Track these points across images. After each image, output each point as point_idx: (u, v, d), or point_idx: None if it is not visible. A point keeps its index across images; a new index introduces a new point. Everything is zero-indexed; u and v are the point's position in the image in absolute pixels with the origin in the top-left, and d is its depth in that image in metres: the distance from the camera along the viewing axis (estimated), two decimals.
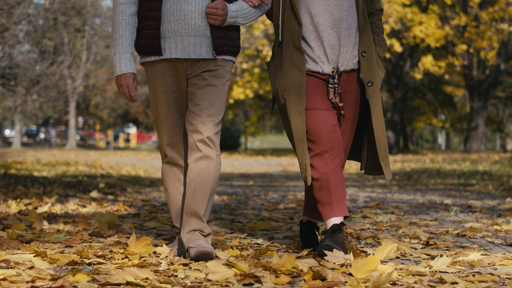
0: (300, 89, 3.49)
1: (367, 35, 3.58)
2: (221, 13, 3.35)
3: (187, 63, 3.41)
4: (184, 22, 3.35)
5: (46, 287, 2.55)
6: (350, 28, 3.54)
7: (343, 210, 3.47)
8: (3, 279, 2.64)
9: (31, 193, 7.05)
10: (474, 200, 7.20)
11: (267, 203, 6.71)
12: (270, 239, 4.12)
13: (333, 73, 3.53)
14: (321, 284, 2.65)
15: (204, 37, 3.38)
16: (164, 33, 3.38)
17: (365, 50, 3.56)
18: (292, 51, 3.52)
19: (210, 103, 3.39)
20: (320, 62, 3.54)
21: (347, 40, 3.54)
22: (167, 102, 3.46)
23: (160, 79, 3.44)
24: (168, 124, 3.48)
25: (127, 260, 3.19)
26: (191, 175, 3.40)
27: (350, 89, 3.59)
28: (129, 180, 10.68)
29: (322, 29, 3.51)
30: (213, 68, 3.42)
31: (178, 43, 3.37)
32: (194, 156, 3.40)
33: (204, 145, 3.37)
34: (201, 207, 3.38)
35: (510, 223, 4.92)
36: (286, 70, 3.53)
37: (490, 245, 3.92)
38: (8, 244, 3.53)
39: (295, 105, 3.48)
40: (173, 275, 2.88)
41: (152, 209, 5.89)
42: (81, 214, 5.29)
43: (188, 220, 3.39)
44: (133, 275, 2.72)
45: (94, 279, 2.68)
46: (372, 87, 3.56)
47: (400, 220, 5.29)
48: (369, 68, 3.56)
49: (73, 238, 3.83)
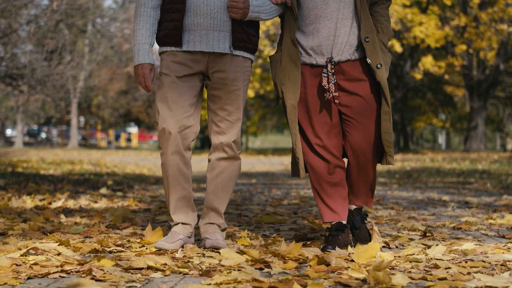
0: (295, 83, 3.56)
1: (368, 21, 3.56)
2: (242, 6, 3.40)
3: (210, 57, 3.47)
4: (210, 17, 3.41)
5: (74, 271, 2.80)
6: (345, 18, 3.55)
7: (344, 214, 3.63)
8: (34, 264, 2.88)
9: (42, 189, 7.29)
10: (472, 197, 7.43)
11: (271, 199, 6.95)
12: (276, 231, 4.36)
13: (326, 62, 3.54)
14: (326, 269, 2.89)
15: (227, 32, 3.45)
16: (189, 26, 3.43)
17: (368, 36, 3.55)
18: (289, 45, 3.59)
19: (236, 107, 3.54)
20: (314, 54, 3.58)
21: (342, 30, 3.55)
22: (182, 89, 3.47)
23: (177, 67, 3.47)
24: (180, 107, 3.46)
25: (144, 248, 3.43)
26: (214, 172, 3.57)
27: (350, 79, 3.57)
28: (134, 178, 10.92)
29: (319, 21, 3.54)
30: (234, 70, 3.50)
31: (203, 36, 3.42)
32: (218, 155, 3.56)
33: (230, 148, 3.54)
34: (222, 204, 3.58)
35: (504, 217, 5.15)
36: (284, 64, 3.60)
37: (483, 237, 4.15)
38: (31, 234, 3.77)
39: (290, 99, 3.56)
40: (189, 261, 3.12)
41: (161, 205, 6.12)
42: (94, 209, 5.53)
43: (208, 213, 3.59)
44: (152, 260, 2.96)
45: (117, 264, 2.93)
46: (381, 69, 3.54)
47: (399, 214, 5.52)
48: (375, 53, 3.54)
49: (91, 229, 4.07)
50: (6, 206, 5.30)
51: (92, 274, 2.71)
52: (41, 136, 57.37)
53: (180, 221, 3.56)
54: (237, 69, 3.51)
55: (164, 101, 3.47)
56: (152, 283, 2.66)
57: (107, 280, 2.64)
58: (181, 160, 3.52)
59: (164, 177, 3.55)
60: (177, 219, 3.57)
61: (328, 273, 2.83)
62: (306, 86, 3.60)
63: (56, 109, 42.69)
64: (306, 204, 6.52)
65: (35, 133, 58.35)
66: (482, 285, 2.60)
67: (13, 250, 3.17)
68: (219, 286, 2.54)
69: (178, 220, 3.57)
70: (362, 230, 3.72)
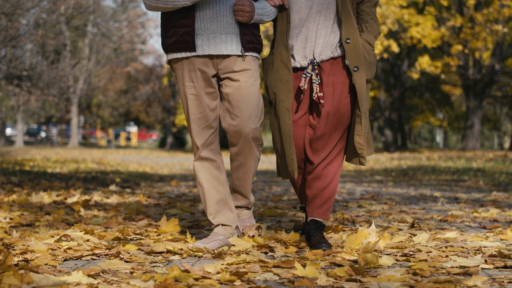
0: (288, 86, 3.61)
1: (350, 22, 3.61)
2: (248, 10, 3.48)
3: (218, 59, 3.52)
4: (216, 20, 3.47)
5: (103, 254, 3.21)
6: (326, 19, 3.61)
7: (326, 214, 3.68)
8: (68, 248, 3.30)
9: (56, 186, 7.70)
10: (462, 193, 7.84)
11: (272, 195, 7.36)
12: (277, 222, 4.78)
13: (308, 64, 3.61)
14: (322, 253, 3.31)
15: (234, 34, 3.51)
16: (197, 31, 3.47)
17: (349, 37, 3.59)
18: (281, 49, 3.65)
19: (249, 103, 3.53)
20: (298, 57, 3.66)
21: (323, 32, 3.61)
22: (197, 97, 3.54)
23: (190, 75, 3.53)
24: (198, 119, 3.55)
25: (161, 236, 3.84)
26: (235, 164, 3.64)
27: (333, 81, 3.62)
28: (139, 176, 11.34)
29: (303, 24, 3.62)
30: (243, 68, 3.55)
31: (211, 40, 3.48)
32: (235, 150, 3.60)
33: (247, 143, 3.55)
34: (246, 190, 3.71)
35: (489, 211, 5.56)
36: (276, 67, 3.65)
37: (466, 228, 4.57)
38: (57, 225, 4.18)
39: (283, 101, 3.61)
40: None
41: (170, 200, 6.54)
42: (108, 204, 5.94)
43: (235, 196, 3.76)
44: (171, 245, 3.37)
45: (140, 249, 3.35)
46: (358, 72, 3.58)
47: (392, 209, 5.93)
48: (354, 54, 3.58)
49: (110, 221, 4.48)
50: (26, 201, 5.72)
51: (120, 256, 3.14)
52: (41, 135, 57.75)
53: (220, 223, 3.63)
54: (247, 67, 3.56)
55: (190, 117, 3.58)
56: (172, 264, 3.07)
57: (134, 261, 3.05)
58: (212, 164, 3.63)
59: (198, 183, 3.65)
60: (216, 221, 3.64)
61: (324, 256, 3.26)
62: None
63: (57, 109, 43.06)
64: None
65: (35, 132, 58.67)
66: (457, 265, 3.02)
67: (46, 237, 3.59)
68: (230, 265, 2.96)
69: (218, 222, 3.64)
70: (315, 236, 3.64)
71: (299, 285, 2.60)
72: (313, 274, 2.76)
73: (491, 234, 4.14)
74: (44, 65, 12.63)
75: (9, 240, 3.46)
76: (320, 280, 2.65)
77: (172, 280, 2.47)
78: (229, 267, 2.91)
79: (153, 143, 58.70)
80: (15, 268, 2.64)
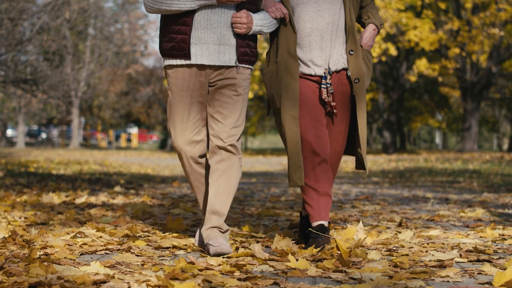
0: (294, 94, 3.66)
1: (354, 36, 3.73)
2: (245, 21, 3.52)
3: (211, 69, 3.57)
4: (210, 31, 3.52)
5: (116, 249, 3.55)
6: (339, 30, 3.72)
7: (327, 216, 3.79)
8: (83, 244, 3.64)
9: (63, 187, 8.04)
10: (454, 195, 8.14)
11: (270, 196, 7.70)
12: (274, 221, 5.11)
13: (325, 73, 3.70)
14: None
15: (228, 46, 3.55)
16: (193, 39, 3.52)
17: (352, 49, 3.72)
18: (286, 58, 3.68)
19: (232, 111, 3.60)
20: (312, 65, 3.72)
21: (337, 42, 3.71)
22: (189, 105, 3.59)
23: (183, 83, 3.58)
24: (188, 126, 3.60)
25: (167, 234, 4.18)
26: (214, 176, 3.62)
27: (341, 91, 3.76)
28: (142, 178, 11.67)
29: (315, 33, 3.69)
30: (234, 77, 3.59)
31: (204, 50, 3.52)
32: (216, 159, 3.62)
33: (226, 151, 3.61)
34: (223, 207, 3.61)
35: (475, 211, 5.89)
36: (280, 76, 3.69)
37: (451, 227, 4.90)
38: (70, 223, 4.51)
39: (289, 110, 3.65)
40: None
41: (173, 201, 6.87)
42: (115, 204, 6.28)
43: (210, 217, 3.60)
44: (176, 242, 3.72)
45: (148, 244, 3.69)
46: (359, 83, 3.73)
47: (384, 209, 6.25)
48: (356, 66, 3.72)
49: (118, 220, 4.81)
50: (38, 201, 6.06)
51: (131, 251, 3.48)
52: (42, 136, 58.07)
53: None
54: (238, 77, 3.61)
55: (172, 119, 3.62)
56: (178, 257, 3.41)
57: (144, 255, 3.40)
58: (199, 166, 3.72)
59: (190, 184, 3.78)
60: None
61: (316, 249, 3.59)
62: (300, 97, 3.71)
63: (58, 110, 43.42)
64: (302, 200, 7.26)
65: (36, 134, 58.98)
66: (435, 259, 3.35)
67: (62, 234, 3.93)
68: (231, 258, 3.30)
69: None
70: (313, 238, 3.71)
71: (292, 275, 2.95)
72: (304, 266, 3.10)
73: (472, 232, 4.47)
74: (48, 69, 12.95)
75: (28, 237, 3.80)
76: (310, 271, 3.00)
77: (179, 270, 2.81)
78: (229, 260, 3.25)
79: (153, 144, 59.11)
80: (39, 261, 2.97)
